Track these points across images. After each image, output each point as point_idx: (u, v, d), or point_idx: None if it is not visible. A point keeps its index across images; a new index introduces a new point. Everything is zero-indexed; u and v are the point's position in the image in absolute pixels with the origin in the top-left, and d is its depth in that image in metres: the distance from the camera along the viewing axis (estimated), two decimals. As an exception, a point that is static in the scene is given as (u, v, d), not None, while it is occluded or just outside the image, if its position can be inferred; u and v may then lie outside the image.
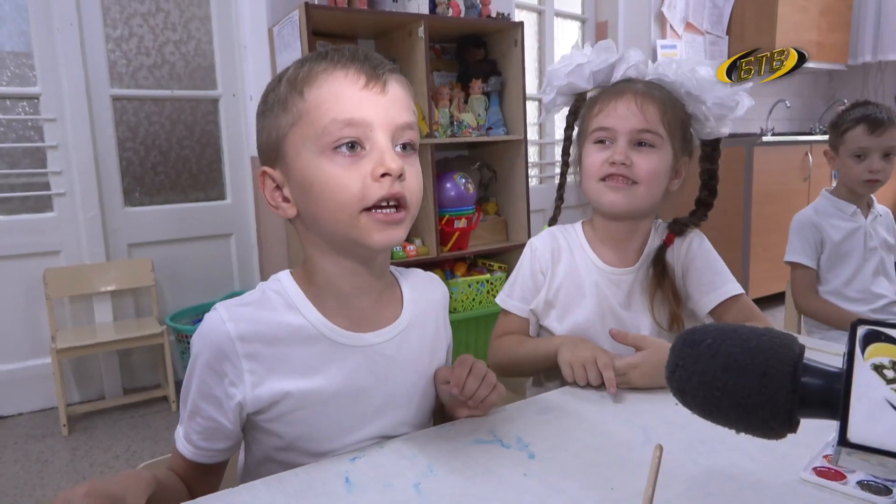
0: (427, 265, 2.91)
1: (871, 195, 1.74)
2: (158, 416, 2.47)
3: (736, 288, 1.06)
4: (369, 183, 0.67)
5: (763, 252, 3.61)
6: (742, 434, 0.63)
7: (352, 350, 0.74)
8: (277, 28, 2.60)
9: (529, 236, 3.05)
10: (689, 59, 1.04)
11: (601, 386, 0.88)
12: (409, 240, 2.80)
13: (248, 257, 2.97)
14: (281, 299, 0.74)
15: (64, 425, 2.33)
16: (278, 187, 0.73)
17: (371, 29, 2.82)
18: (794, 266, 1.75)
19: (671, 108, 1.01)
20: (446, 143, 2.88)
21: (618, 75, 1.05)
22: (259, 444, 0.76)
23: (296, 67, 0.71)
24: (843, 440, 0.36)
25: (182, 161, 2.83)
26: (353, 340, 0.74)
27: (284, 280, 0.76)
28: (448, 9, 2.77)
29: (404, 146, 0.71)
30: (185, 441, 0.74)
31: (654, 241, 1.08)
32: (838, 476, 0.62)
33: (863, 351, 0.37)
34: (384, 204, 0.68)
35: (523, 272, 1.11)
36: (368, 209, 0.68)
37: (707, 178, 1.12)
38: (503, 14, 2.97)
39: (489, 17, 2.92)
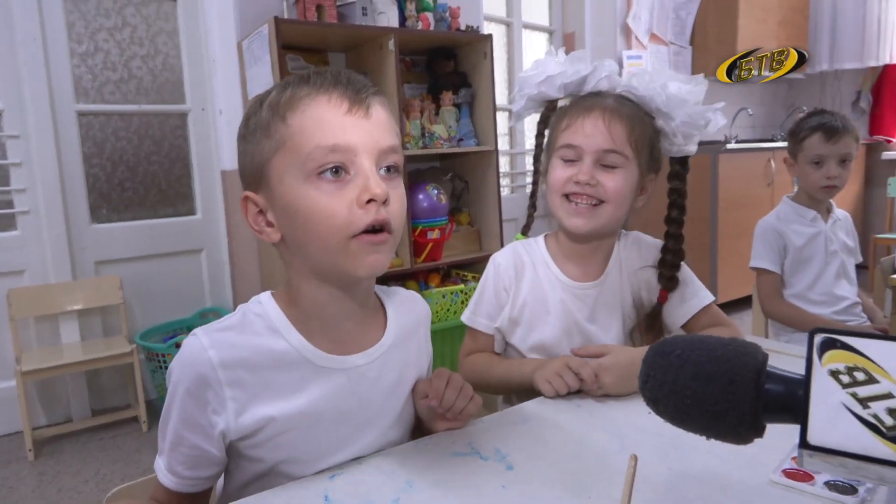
0: (401, 277, 2.92)
1: (831, 200, 1.80)
2: (129, 438, 2.42)
3: (707, 297, 1.09)
4: (355, 209, 0.67)
5: (729, 257, 3.70)
6: (713, 440, 0.65)
7: (334, 372, 0.74)
8: (247, 42, 2.59)
9: (503, 246, 3.08)
10: (660, 73, 1.02)
11: (581, 392, 0.89)
12: (382, 252, 2.80)
13: (220, 273, 2.93)
14: (262, 322, 0.73)
15: (30, 450, 2.27)
16: (262, 212, 0.72)
17: (341, 42, 2.82)
18: (759, 272, 1.79)
19: (639, 125, 1.01)
20: (418, 155, 2.90)
21: (589, 87, 1.05)
22: (240, 470, 0.75)
23: (277, 92, 0.71)
24: (803, 443, 0.38)
25: (150, 176, 2.79)
26: (335, 363, 0.74)
27: (266, 302, 0.75)
28: (417, 22, 2.79)
29: (388, 169, 0.71)
30: (169, 472, 0.73)
31: (619, 253, 1.09)
32: (806, 477, 0.64)
33: (820, 358, 0.39)
34: (370, 230, 0.68)
35: (487, 289, 1.10)
36: (356, 235, 0.67)
37: (676, 196, 1.10)
38: (472, 27, 3.00)
39: (458, 30, 2.95)
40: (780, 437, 0.71)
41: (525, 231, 1.18)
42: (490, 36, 2.95)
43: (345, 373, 0.74)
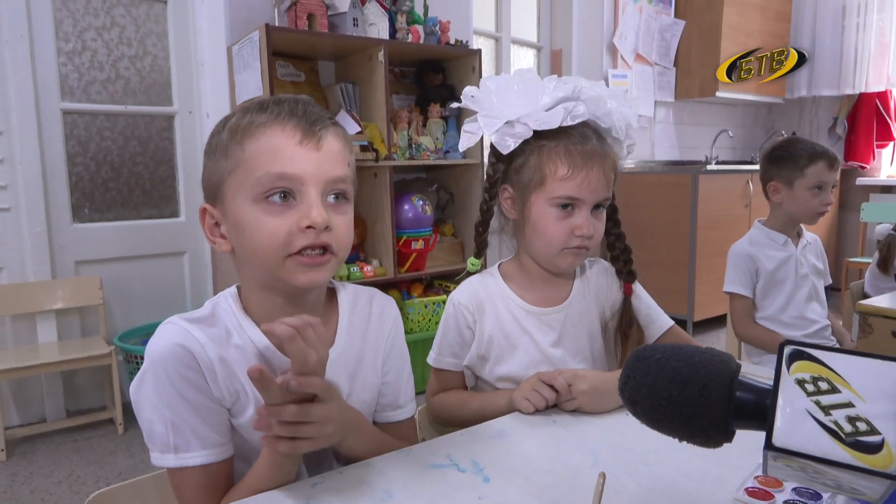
0: (384, 286, 2.93)
1: (801, 224, 1.85)
2: (104, 440, 2.40)
3: (668, 321, 1.14)
4: (295, 232, 0.72)
5: (707, 275, 3.77)
6: (683, 453, 0.67)
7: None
8: (237, 47, 2.60)
9: (486, 260, 3.12)
10: (605, 98, 1.00)
11: (556, 407, 0.92)
12: (366, 260, 2.82)
13: (202, 276, 2.92)
14: (229, 317, 0.79)
15: (2, 450, 2.24)
16: (217, 224, 0.79)
17: (331, 52, 2.85)
18: (732, 296, 1.84)
19: (616, 162, 1.02)
20: (404, 166, 2.92)
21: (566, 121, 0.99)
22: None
23: (238, 117, 0.76)
24: (768, 445, 0.40)
25: (135, 177, 2.78)
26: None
27: (231, 299, 0.81)
28: (408, 34, 2.83)
29: (336, 196, 0.76)
30: (212, 449, 0.75)
31: (582, 275, 1.10)
32: (767, 496, 0.68)
33: (788, 367, 0.42)
34: (309, 251, 0.73)
35: (449, 329, 1.07)
36: (292, 255, 0.73)
37: (615, 239, 1.11)
38: (461, 41, 3.04)
39: (448, 43, 2.99)
40: (744, 458, 0.74)
41: (479, 255, 1.13)
42: (479, 51, 3.00)
43: None
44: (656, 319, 1.12)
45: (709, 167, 3.94)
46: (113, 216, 2.73)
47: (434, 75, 3.08)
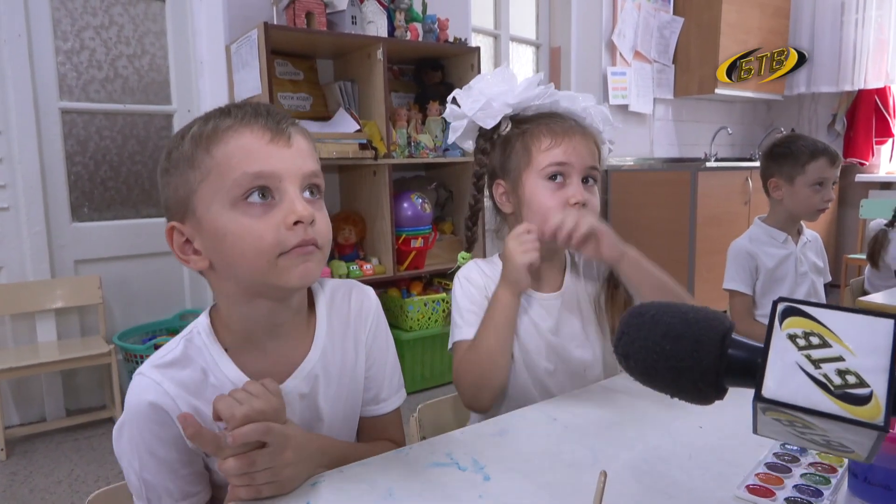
0: (383, 284, 2.93)
1: (801, 222, 1.86)
2: (104, 439, 2.40)
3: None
4: (283, 231, 0.70)
5: (707, 272, 3.77)
6: (684, 451, 0.67)
7: None
8: (235, 46, 2.59)
9: (485, 256, 3.11)
10: (570, 93, 1.09)
11: (556, 406, 0.92)
12: (365, 258, 2.82)
13: (200, 275, 2.91)
14: (202, 353, 0.77)
15: (2, 449, 2.24)
16: (188, 241, 0.75)
17: (330, 50, 2.85)
18: (732, 293, 1.84)
19: (599, 140, 1.08)
20: (403, 164, 2.92)
21: (531, 108, 1.08)
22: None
23: (200, 125, 0.73)
24: (758, 396, 0.41)
25: (133, 176, 2.78)
26: None
27: (203, 333, 0.78)
28: (406, 32, 2.82)
29: (311, 192, 0.76)
30: (180, 500, 0.75)
31: (572, 264, 1.13)
32: (768, 493, 0.68)
33: (780, 323, 0.42)
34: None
35: (466, 300, 1.06)
36: (284, 253, 0.71)
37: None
38: (460, 39, 3.04)
39: (447, 41, 2.99)
40: (746, 455, 0.74)
41: (469, 249, 1.15)
42: (478, 48, 3.00)
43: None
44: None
45: (708, 164, 3.94)
46: (112, 215, 2.73)
47: (433, 73, 3.08)
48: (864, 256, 3.59)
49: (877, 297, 1.74)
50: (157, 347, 2.42)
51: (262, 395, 0.68)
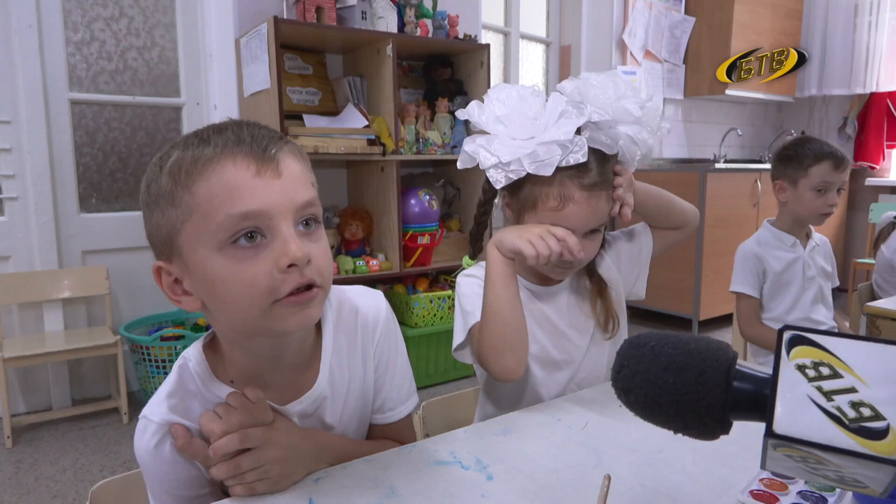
0: (389, 280, 2.93)
1: (810, 226, 1.84)
2: (109, 429, 2.41)
3: (648, 238, 1.19)
4: (276, 275, 0.64)
5: (714, 274, 3.75)
6: (688, 455, 0.67)
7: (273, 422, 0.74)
8: (245, 39, 2.60)
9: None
10: (630, 120, 0.99)
11: (561, 406, 0.92)
12: (372, 255, 2.82)
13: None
14: (199, 382, 0.74)
15: (8, 437, 2.26)
16: (177, 281, 0.69)
17: (339, 45, 2.84)
18: (739, 296, 1.83)
19: (611, 182, 1.00)
20: (411, 160, 2.92)
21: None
22: None
23: (178, 155, 0.65)
24: (769, 432, 0.39)
25: (142, 168, 2.78)
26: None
27: (196, 363, 0.75)
28: (416, 28, 2.82)
29: (307, 223, 0.68)
30: None
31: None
32: (772, 499, 0.67)
33: (788, 353, 0.40)
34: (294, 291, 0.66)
35: (472, 288, 1.04)
36: (279, 299, 0.65)
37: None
38: (470, 36, 3.03)
39: (456, 38, 2.98)
40: (749, 460, 0.74)
41: (473, 256, 1.15)
42: (487, 45, 2.99)
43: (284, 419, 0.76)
44: (640, 242, 1.18)
45: (717, 166, 3.91)
46: (119, 206, 2.74)
47: (442, 70, 3.07)
48: (873, 261, 3.57)
49: (888, 303, 1.73)
50: (162, 339, 2.44)
51: (241, 407, 0.69)
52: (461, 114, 1.02)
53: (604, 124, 0.97)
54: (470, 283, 1.06)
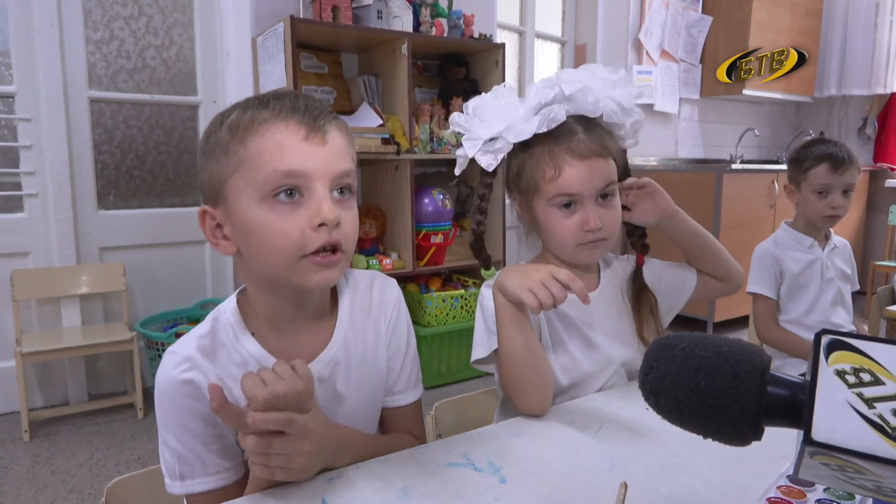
0: (402, 279, 2.94)
1: (829, 228, 1.82)
2: (124, 424, 2.44)
3: (693, 275, 1.15)
4: (308, 232, 0.71)
5: (729, 276, 3.71)
6: (704, 460, 0.66)
7: None
8: (261, 38, 2.61)
9: (505, 253, 3.10)
10: (591, 78, 0.99)
11: (575, 408, 0.91)
12: (385, 253, 2.83)
13: (222, 265, 2.95)
14: (229, 331, 0.78)
15: (25, 431, 2.29)
16: (219, 225, 0.76)
17: (355, 44, 2.85)
18: (756, 297, 1.81)
19: (612, 144, 1.01)
20: (425, 159, 2.92)
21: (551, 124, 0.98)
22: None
23: (238, 113, 0.73)
24: (808, 440, 0.38)
25: (159, 166, 2.82)
26: None
27: (230, 312, 0.79)
28: (431, 28, 2.82)
29: (342, 191, 0.75)
30: (217, 475, 0.75)
31: (610, 267, 1.13)
32: (789, 506, 0.66)
33: (826, 358, 0.39)
34: (321, 250, 0.72)
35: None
36: (306, 255, 0.71)
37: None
38: (485, 35, 3.02)
39: (472, 37, 2.98)
40: (767, 466, 0.73)
41: (488, 267, 1.10)
42: (502, 45, 2.98)
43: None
44: (684, 276, 1.14)
45: (733, 166, 3.88)
46: (137, 204, 2.77)
47: (457, 69, 3.07)
48: (893, 264, 3.51)
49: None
50: (177, 336, 2.46)
51: (288, 378, 0.67)
52: (454, 125, 1.03)
53: (579, 93, 0.98)
54: (489, 299, 1.01)
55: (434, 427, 1.06)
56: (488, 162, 1.00)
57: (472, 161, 1.03)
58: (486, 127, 0.99)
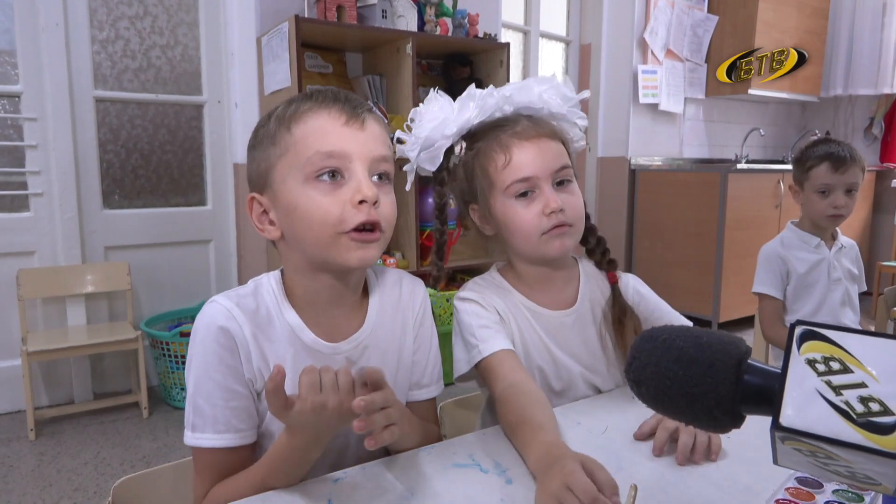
0: (406, 278, 2.93)
1: (836, 227, 1.81)
2: (129, 423, 2.44)
3: (678, 316, 1.06)
4: (348, 209, 0.75)
5: (734, 276, 3.70)
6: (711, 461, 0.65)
7: (320, 355, 0.81)
8: (266, 38, 2.61)
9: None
10: (524, 83, 0.99)
11: (580, 409, 0.91)
12: (389, 253, 2.83)
13: (227, 265, 2.95)
14: (271, 297, 0.82)
15: (31, 429, 2.29)
16: (265, 212, 0.81)
17: (359, 43, 2.85)
18: (762, 297, 1.80)
19: (563, 134, 1.00)
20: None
21: (482, 118, 0.99)
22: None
23: (284, 107, 0.80)
24: (776, 424, 0.39)
25: (164, 165, 2.82)
26: (322, 347, 0.82)
27: (273, 281, 0.84)
28: (436, 27, 2.81)
29: (380, 176, 0.80)
30: (225, 433, 0.76)
31: (587, 281, 1.05)
32: (798, 508, 0.66)
33: (798, 347, 0.40)
34: (360, 227, 0.76)
35: (473, 318, 0.97)
36: (346, 232, 0.75)
37: (586, 233, 1.04)
38: (490, 34, 3.02)
39: (476, 37, 2.97)
40: (774, 468, 0.73)
41: (435, 285, 1.04)
42: (507, 44, 2.97)
43: (330, 357, 0.81)
44: (664, 318, 1.05)
45: (739, 166, 3.86)
46: (142, 203, 2.77)
47: (461, 68, 3.06)
48: (898, 264, 3.49)
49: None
50: (182, 335, 2.46)
51: (342, 393, 0.65)
52: (397, 141, 1.01)
53: (519, 91, 0.98)
54: (468, 311, 0.98)
55: (439, 428, 1.06)
56: (433, 159, 0.99)
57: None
58: (422, 127, 0.99)
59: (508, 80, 2.95)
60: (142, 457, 2.17)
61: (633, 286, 1.08)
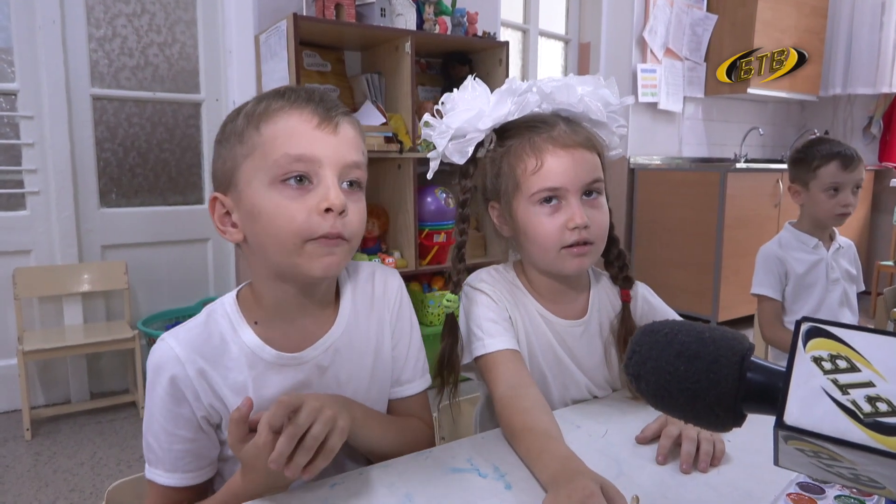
0: (405, 278, 2.91)
1: (834, 228, 1.81)
2: (126, 422, 2.43)
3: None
4: (314, 216, 0.71)
5: (733, 276, 3.70)
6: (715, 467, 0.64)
7: (287, 369, 0.78)
8: (264, 36, 2.60)
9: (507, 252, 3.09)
10: (569, 81, 0.94)
11: (580, 412, 0.90)
12: (388, 252, 2.82)
13: (225, 263, 2.94)
14: (225, 322, 0.79)
15: (27, 429, 2.28)
16: (228, 213, 0.77)
17: (358, 42, 2.84)
18: (760, 298, 1.80)
19: (599, 143, 0.95)
20: (428, 158, 2.90)
21: (519, 115, 0.94)
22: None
23: (254, 103, 0.75)
24: (780, 423, 0.38)
25: (161, 164, 2.81)
26: (288, 360, 0.78)
27: (228, 304, 0.80)
28: (435, 26, 2.80)
29: (350, 184, 0.76)
30: (173, 473, 0.76)
31: (599, 291, 1.03)
32: (799, 514, 0.65)
33: (804, 344, 0.39)
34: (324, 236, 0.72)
35: (483, 309, 0.94)
36: (311, 240, 0.72)
37: (608, 244, 1.00)
38: (489, 33, 3.01)
39: (475, 35, 2.96)
40: (776, 473, 0.72)
41: (455, 291, 0.96)
42: (506, 43, 2.96)
43: (297, 368, 0.79)
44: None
45: (738, 165, 3.86)
46: (139, 202, 2.76)
47: (460, 67, 3.05)
48: (897, 264, 3.48)
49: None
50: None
51: (313, 434, 0.63)
52: (424, 126, 0.98)
53: (559, 90, 0.93)
54: (480, 301, 0.95)
55: (437, 430, 1.05)
56: (463, 152, 0.94)
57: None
58: (455, 117, 0.93)
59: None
60: (138, 457, 2.16)
61: (643, 295, 1.06)
